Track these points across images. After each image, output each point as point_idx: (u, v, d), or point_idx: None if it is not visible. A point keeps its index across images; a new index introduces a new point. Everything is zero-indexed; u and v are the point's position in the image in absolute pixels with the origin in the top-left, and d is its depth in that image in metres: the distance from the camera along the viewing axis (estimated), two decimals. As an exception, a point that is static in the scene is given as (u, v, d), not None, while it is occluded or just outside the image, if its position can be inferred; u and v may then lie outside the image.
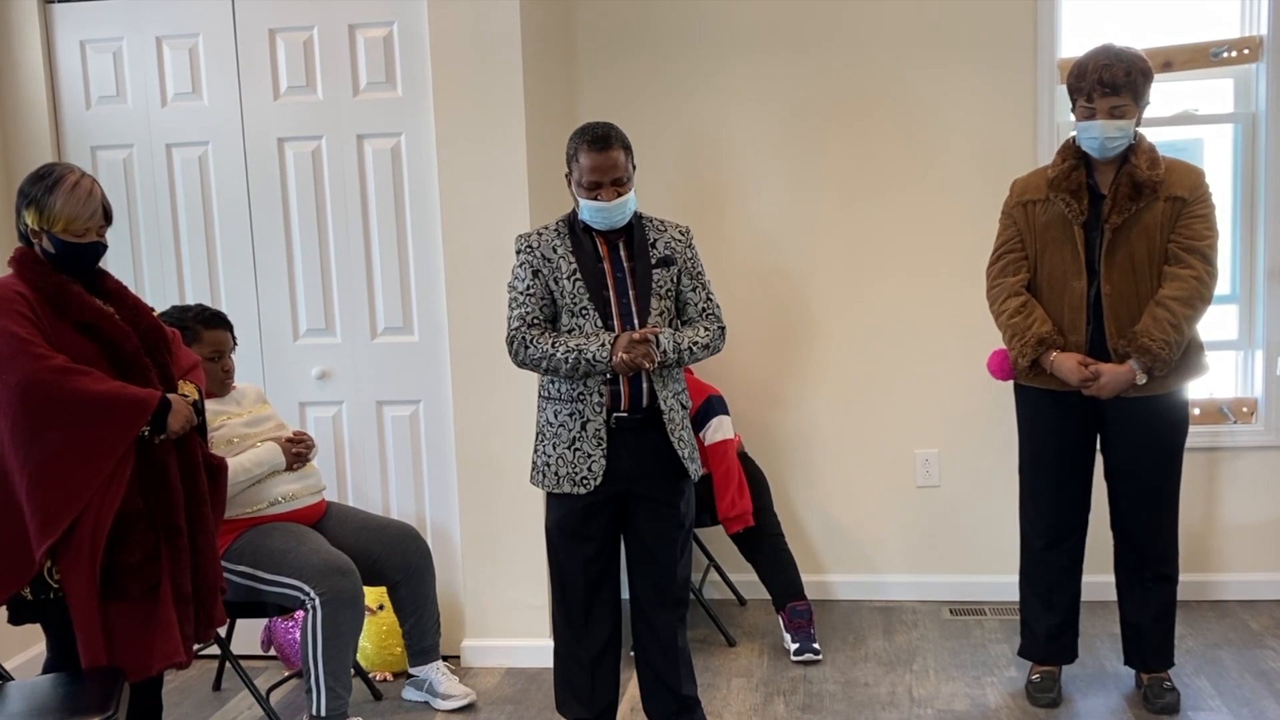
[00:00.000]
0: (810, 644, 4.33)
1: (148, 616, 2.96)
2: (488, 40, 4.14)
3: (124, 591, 2.93)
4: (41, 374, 2.84)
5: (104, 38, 4.40)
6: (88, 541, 2.88)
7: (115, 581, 2.92)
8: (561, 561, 3.41)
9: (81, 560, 2.88)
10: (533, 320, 3.31)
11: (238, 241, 4.43)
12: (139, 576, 2.94)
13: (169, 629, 2.97)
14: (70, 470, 2.87)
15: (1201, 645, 4.31)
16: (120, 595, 2.93)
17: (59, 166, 3.02)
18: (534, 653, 4.34)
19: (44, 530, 2.86)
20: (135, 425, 2.93)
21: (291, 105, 4.34)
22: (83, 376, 2.88)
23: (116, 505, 2.91)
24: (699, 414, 4.41)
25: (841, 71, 4.76)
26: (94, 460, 2.89)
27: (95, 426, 2.88)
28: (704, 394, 4.47)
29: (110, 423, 2.90)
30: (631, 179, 3.30)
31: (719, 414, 4.44)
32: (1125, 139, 3.53)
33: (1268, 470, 4.71)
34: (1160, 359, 3.50)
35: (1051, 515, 3.81)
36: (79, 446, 2.87)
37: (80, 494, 2.87)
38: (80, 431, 2.87)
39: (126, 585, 2.93)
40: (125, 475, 2.93)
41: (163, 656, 2.96)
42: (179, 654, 2.99)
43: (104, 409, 2.89)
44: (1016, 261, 3.74)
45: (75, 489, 2.87)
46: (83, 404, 2.86)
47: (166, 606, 2.98)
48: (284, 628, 4.26)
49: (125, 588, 2.93)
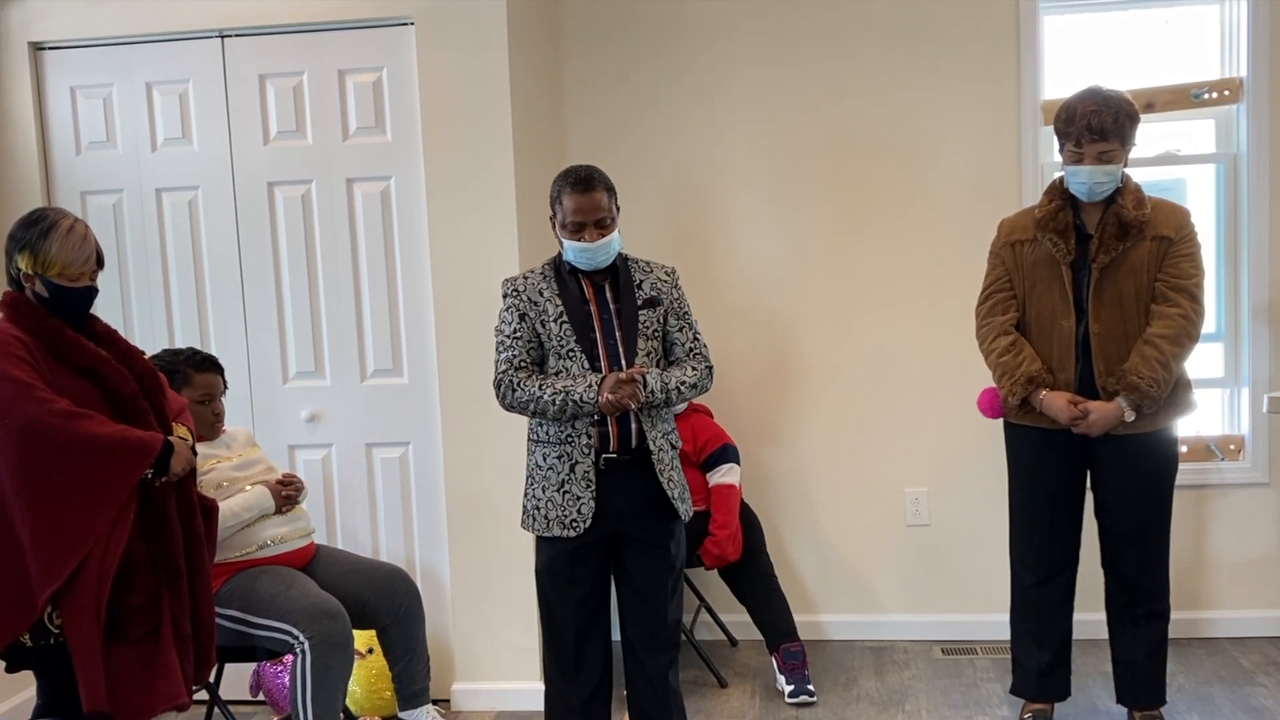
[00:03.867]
0: (805, 685, 4.31)
1: (149, 658, 2.95)
2: (476, 85, 4.17)
3: (126, 634, 2.92)
4: (46, 418, 2.84)
5: (94, 83, 4.42)
6: (93, 586, 2.87)
7: (118, 625, 2.91)
8: (552, 604, 3.40)
9: (86, 604, 2.87)
10: (519, 363, 3.32)
11: (228, 285, 4.44)
12: (141, 619, 2.94)
13: (170, 670, 2.96)
14: (75, 515, 2.86)
15: (1193, 683, 4.30)
16: (122, 638, 2.92)
17: (51, 211, 3.03)
18: (525, 696, 4.31)
19: (47, 576, 2.85)
20: (140, 468, 2.93)
21: (281, 150, 4.36)
22: (86, 420, 2.88)
23: (121, 549, 2.91)
24: (714, 456, 4.50)
25: (827, 111, 4.80)
26: (99, 505, 2.88)
27: (100, 470, 2.88)
28: (721, 440, 4.55)
29: (115, 466, 2.90)
30: (615, 220, 3.32)
31: (731, 461, 4.52)
32: (1113, 183, 3.57)
33: (1256, 507, 4.72)
34: (1149, 397, 3.52)
35: (1042, 553, 3.81)
36: (84, 491, 2.87)
37: (85, 539, 2.86)
38: (85, 475, 2.86)
39: (129, 628, 2.93)
40: (129, 519, 2.93)
41: (164, 698, 2.95)
42: (180, 695, 2.98)
43: (109, 452, 2.88)
44: (1005, 301, 3.76)
45: (80, 534, 2.86)
46: (88, 448, 2.86)
47: (168, 648, 2.97)
48: (273, 672, 4.23)
49: (127, 631, 2.92)
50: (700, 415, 4.64)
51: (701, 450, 4.51)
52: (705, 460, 4.51)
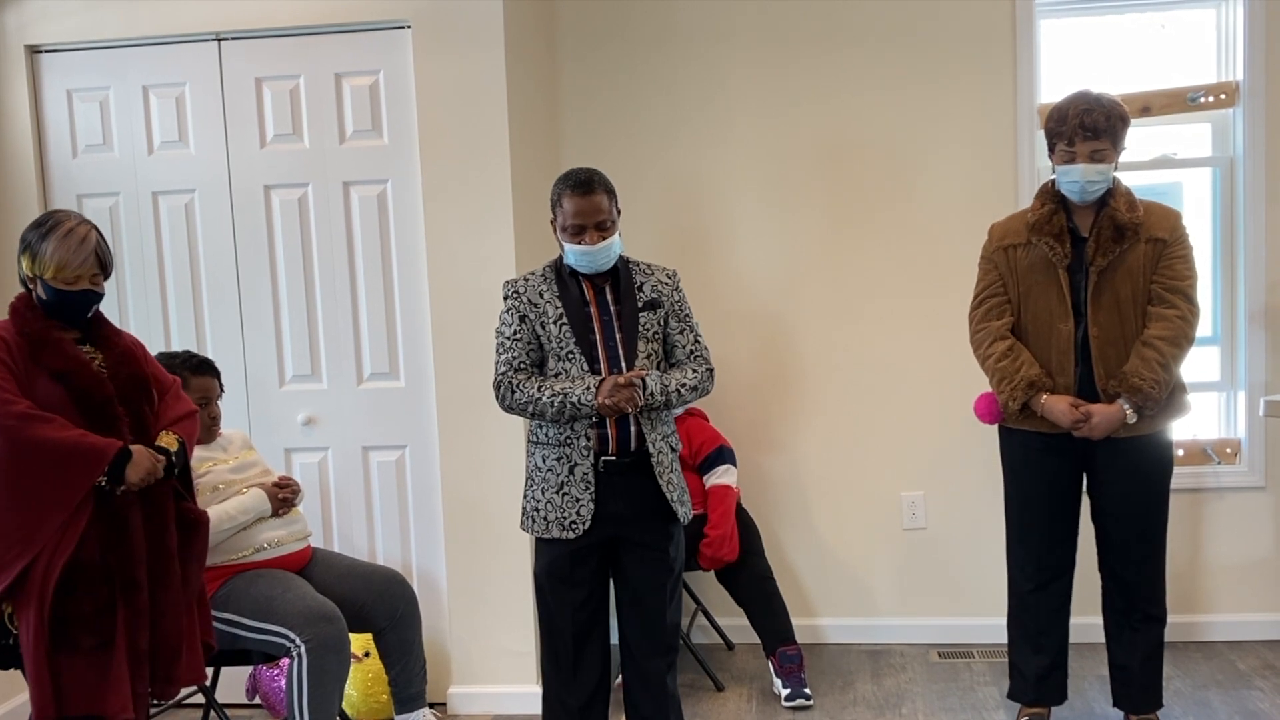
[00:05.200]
0: (801, 689, 4.31)
1: (99, 670, 2.91)
2: (473, 88, 4.17)
3: (75, 644, 2.89)
4: (2, 419, 2.84)
5: (90, 87, 4.42)
6: (36, 589, 2.87)
7: (65, 633, 2.89)
8: (550, 607, 3.39)
9: (31, 608, 2.87)
10: (519, 365, 3.32)
11: (224, 288, 4.44)
12: (90, 629, 2.90)
13: (120, 684, 2.93)
14: (23, 518, 2.85)
15: (1189, 686, 4.30)
16: (72, 647, 2.89)
17: (58, 213, 3.03)
18: (521, 699, 4.31)
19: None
20: (91, 475, 2.90)
21: (278, 153, 4.36)
22: (43, 424, 2.86)
23: (68, 554, 2.88)
24: (710, 458, 4.50)
25: (824, 115, 4.81)
26: (47, 509, 2.87)
27: (50, 474, 2.86)
28: (717, 442, 4.55)
29: (65, 471, 2.87)
30: (616, 223, 3.32)
31: (728, 463, 4.53)
32: (1105, 183, 3.57)
33: (1252, 511, 4.73)
34: (1151, 398, 3.53)
35: (1040, 558, 3.80)
36: (33, 494, 2.86)
37: (33, 541, 2.86)
38: (35, 479, 2.85)
39: (77, 637, 2.89)
40: (80, 525, 2.91)
41: (111, 710, 2.92)
42: (127, 709, 2.94)
43: (59, 457, 2.87)
44: (1000, 305, 3.76)
45: (28, 535, 2.86)
46: (38, 451, 2.85)
47: (120, 661, 2.93)
48: (269, 675, 4.23)
49: (76, 640, 2.89)
50: (695, 419, 4.63)
51: (697, 453, 4.51)
52: (701, 463, 4.51)
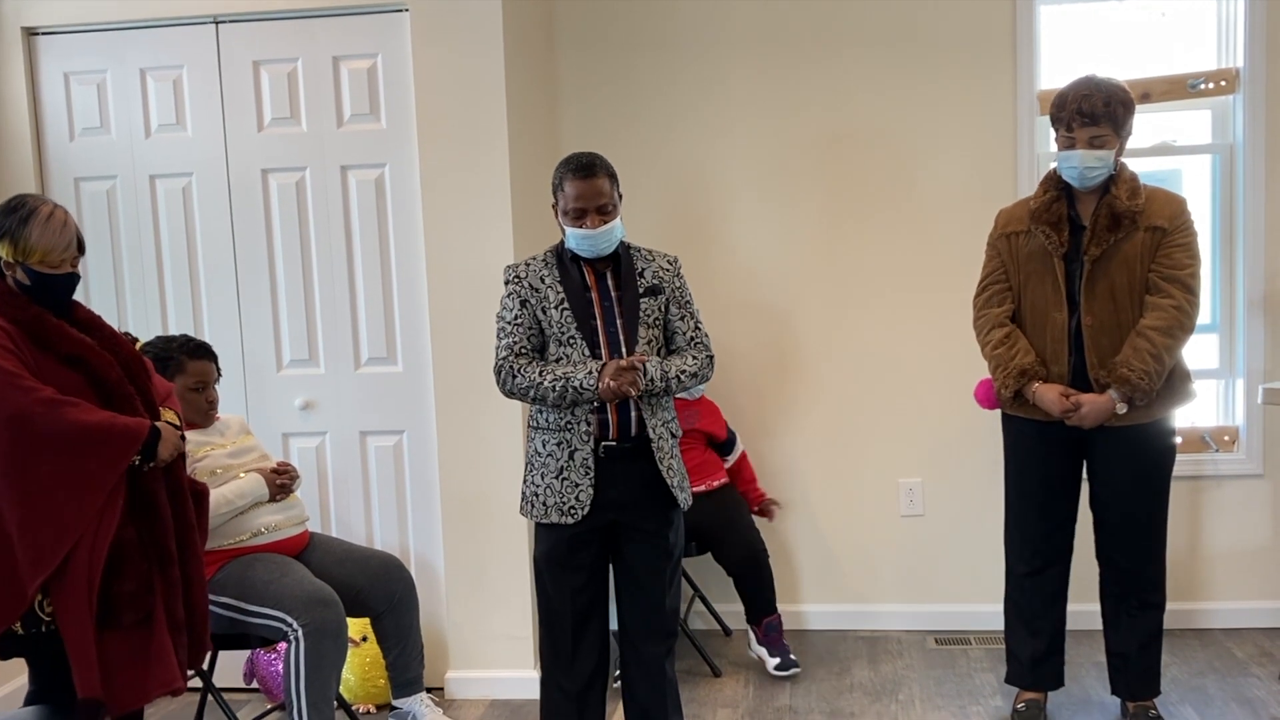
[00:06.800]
0: (788, 655, 4.42)
1: (142, 644, 2.93)
2: (471, 72, 4.16)
3: (119, 621, 2.90)
4: (31, 407, 2.81)
5: (88, 70, 4.40)
6: (83, 574, 2.85)
7: (110, 611, 2.89)
8: (549, 592, 3.39)
9: (78, 592, 2.85)
10: (520, 350, 3.31)
11: (221, 272, 4.43)
12: (133, 605, 2.92)
13: (165, 656, 2.95)
14: (62, 504, 2.84)
15: (1186, 674, 4.31)
16: (115, 625, 2.90)
17: (30, 198, 3.00)
18: (519, 684, 4.32)
19: (37, 565, 2.83)
20: (127, 455, 2.91)
21: (275, 137, 4.34)
22: (72, 408, 2.85)
23: (111, 536, 2.89)
24: (728, 441, 4.73)
25: (823, 104, 4.80)
26: (86, 492, 2.86)
27: (87, 458, 2.86)
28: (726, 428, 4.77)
29: (102, 453, 2.87)
30: (617, 207, 3.31)
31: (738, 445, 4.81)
32: (1105, 169, 3.55)
33: (1250, 499, 4.73)
34: (1140, 389, 3.52)
35: (1037, 543, 3.81)
36: (71, 479, 2.84)
37: (73, 528, 2.84)
38: (72, 464, 2.84)
39: (121, 614, 2.90)
40: (118, 505, 2.91)
41: (160, 683, 2.93)
42: (176, 680, 2.96)
43: (95, 440, 2.86)
44: (1001, 293, 3.76)
45: (68, 523, 2.84)
46: (74, 436, 2.84)
47: (161, 634, 2.95)
48: (266, 660, 4.23)
49: (120, 617, 2.90)
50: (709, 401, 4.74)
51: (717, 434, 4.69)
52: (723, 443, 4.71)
